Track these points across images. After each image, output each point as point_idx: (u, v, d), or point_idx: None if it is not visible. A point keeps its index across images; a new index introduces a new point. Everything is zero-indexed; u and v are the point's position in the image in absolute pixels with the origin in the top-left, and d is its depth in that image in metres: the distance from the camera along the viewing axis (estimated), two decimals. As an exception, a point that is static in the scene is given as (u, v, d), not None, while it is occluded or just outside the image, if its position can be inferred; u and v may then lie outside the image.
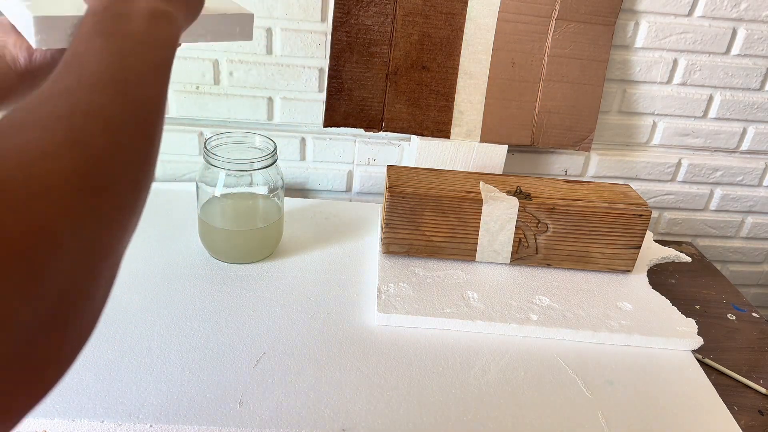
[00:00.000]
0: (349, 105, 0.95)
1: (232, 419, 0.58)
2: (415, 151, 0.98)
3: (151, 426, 0.57)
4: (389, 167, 0.86)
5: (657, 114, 1.03)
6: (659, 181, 1.10)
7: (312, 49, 0.95)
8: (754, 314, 0.87)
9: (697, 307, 0.87)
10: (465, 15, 0.91)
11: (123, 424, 0.56)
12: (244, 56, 0.95)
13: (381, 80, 0.94)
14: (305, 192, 1.07)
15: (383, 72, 0.93)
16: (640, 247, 0.83)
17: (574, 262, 0.84)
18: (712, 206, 1.13)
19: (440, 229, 0.81)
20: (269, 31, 0.94)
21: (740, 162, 1.09)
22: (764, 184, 1.11)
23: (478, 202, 0.80)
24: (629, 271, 0.85)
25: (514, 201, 0.80)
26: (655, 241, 0.98)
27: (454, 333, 0.72)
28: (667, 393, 0.67)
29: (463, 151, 0.98)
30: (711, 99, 1.03)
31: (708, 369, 0.74)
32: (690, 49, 0.98)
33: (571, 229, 0.82)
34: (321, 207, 0.98)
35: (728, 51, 0.99)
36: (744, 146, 1.08)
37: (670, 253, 0.91)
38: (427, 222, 0.81)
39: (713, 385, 0.69)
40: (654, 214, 1.13)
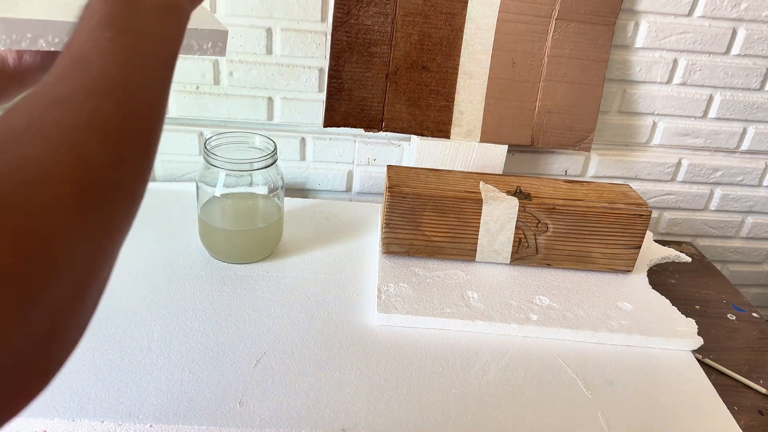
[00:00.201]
0: (349, 105, 0.95)
1: (232, 419, 0.58)
2: (415, 151, 0.98)
3: (151, 426, 0.57)
4: (389, 167, 0.86)
5: (657, 114, 1.03)
6: (659, 181, 1.10)
7: (312, 49, 0.95)
8: (754, 314, 0.87)
9: (697, 307, 0.87)
10: (465, 15, 0.91)
11: (123, 424, 0.56)
12: (244, 56, 0.95)
13: (381, 80, 0.94)
14: (305, 192, 1.07)
15: (383, 72, 0.93)
16: (640, 247, 0.83)
17: (574, 262, 0.84)
18: (712, 206, 1.13)
19: (440, 229, 0.81)
20: (269, 31, 0.94)
21: (740, 162, 1.09)
22: (764, 184, 1.11)
23: (478, 202, 0.80)
24: (629, 271, 0.85)
25: (514, 201, 0.80)
26: (655, 241, 0.98)
27: (454, 333, 0.72)
28: (667, 393, 0.67)
29: (463, 151, 0.98)
30: (711, 99, 1.03)
31: (708, 369, 0.74)
32: (690, 49, 0.98)
33: (571, 229, 0.82)
34: (321, 207, 0.98)
35: (728, 51, 0.99)
36: (744, 146, 1.08)
37: (670, 253, 0.91)
38: (427, 222, 0.81)
39: (713, 385, 0.69)
40: (654, 214, 1.13)
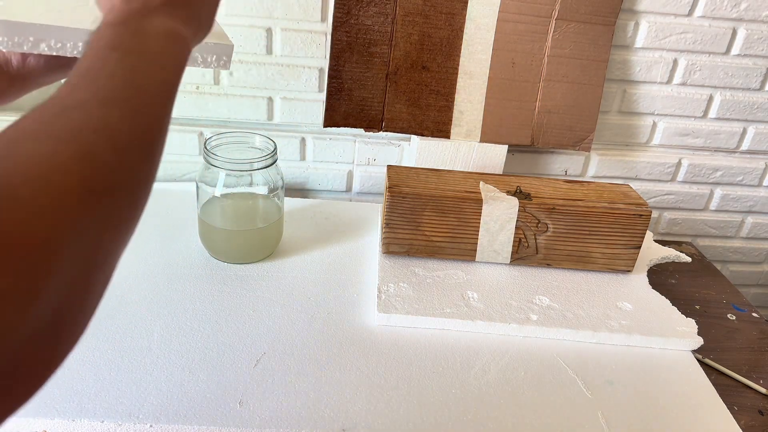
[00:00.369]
0: (349, 105, 0.95)
1: (232, 419, 0.58)
2: (415, 151, 0.98)
3: (151, 426, 0.57)
4: (389, 167, 0.86)
5: (657, 114, 1.03)
6: (659, 181, 1.10)
7: (312, 49, 0.95)
8: (754, 314, 0.87)
9: (697, 307, 0.87)
10: (465, 15, 0.91)
11: (123, 424, 0.56)
12: (244, 56, 0.95)
13: (381, 80, 0.94)
14: (305, 192, 1.07)
15: (383, 72, 0.93)
16: (640, 247, 0.83)
17: (574, 262, 0.84)
18: (712, 206, 1.13)
19: (440, 229, 0.81)
20: (269, 31, 0.94)
21: (740, 162, 1.09)
22: (764, 184, 1.11)
23: (478, 202, 0.80)
24: (629, 271, 0.85)
25: (514, 201, 0.80)
26: (655, 241, 0.98)
27: (454, 333, 0.72)
28: (667, 393, 0.67)
29: (463, 151, 0.98)
30: (711, 99, 1.03)
31: (708, 369, 0.74)
32: (690, 49, 0.98)
33: (571, 229, 0.82)
34: (321, 207, 0.98)
35: (728, 51, 0.99)
36: (744, 146, 1.08)
37: (670, 253, 0.91)
38: (427, 222, 0.81)
39: (713, 385, 0.69)
40: (654, 214, 1.13)
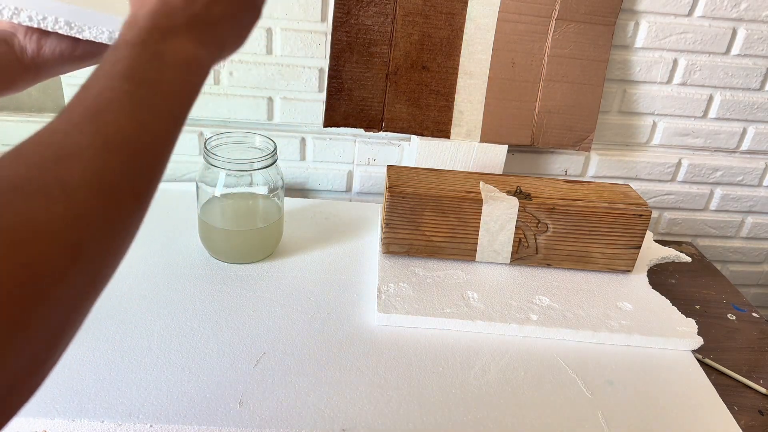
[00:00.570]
0: (349, 105, 0.95)
1: (232, 419, 0.58)
2: (415, 151, 0.98)
3: (151, 426, 0.57)
4: (389, 167, 0.86)
5: (657, 114, 1.03)
6: (659, 181, 1.10)
7: (312, 49, 0.95)
8: (754, 314, 0.87)
9: (697, 307, 0.87)
10: (465, 15, 0.91)
11: (123, 424, 0.56)
12: (244, 56, 0.95)
13: (381, 80, 0.94)
14: (305, 192, 1.07)
15: (383, 72, 0.93)
16: (640, 247, 0.83)
17: (574, 262, 0.84)
18: (712, 206, 1.13)
19: (440, 229, 0.81)
20: (269, 31, 0.94)
21: (740, 162, 1.09)
22: (764, 184, 1.11)
23: (478, 202, 0.80)
24: (629, 271, 0.85)
25: (514, 201, 0.80)
26: (655, 241, 0.98)
27: (454, 333, 0.72)
28: (667, 393, 0.67)
29: (463, 151, 0.98)
30: (711, 99, 1.03)
31: (708, 369, 0.74)
32: (690, 49, 0.98)
33: (571, 229, 0.82)
34: (321, 207, 0.98)
35: (728, 51, 0.99)
36: (744, 146, 1.08)
37: (670, 253, 0.91)
38: (427, 222, 0.81)
39: (713, 385, 0.69)
40: (654, 214, 1.13)
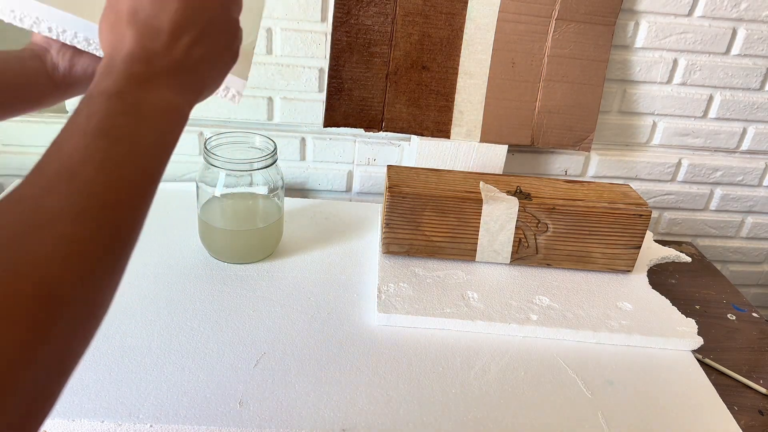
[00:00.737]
0: (349, 105, 0.95)
1: (232, 419, 0.58)
2: (415, 151, 0.98)
3: (151, 426, 0.57)
4: (389, 167, 0.86)
5: (657, 114, 1.03)
6: (659, 181, 1.10)
7: (312, 49, 0.95)
8: (754, 314, 0.87)
9: (697, 307, 0.87)
10: (465, 15, 0.91)
11: (123, 424, 0.56)
12: (244, 56, 0.95)
13: (381, 80, 0.94)
14: (305, 192, 1.07)
15: (383, 72, 0.93)
16: (640, 247, 0.83)
17: (574, 262, 0.84)
18: (712, 206, 1.13)
19: (440, 229, 0.81)
20: (269, 31, 0.94)
21: (740, 162, 1.09)
22: (764, 184, 1.11)
23: (478, 202, 0.80)
24: (629, 271, 0.85)
25: (514, 201, 0.80)
26: (655, 241, 0.98)
27: (454, 333, 0.72)
28: (667, 393, 0.67)
29: (463, 151, 0.98)
30: (711, 99, 1.03)
31: (708, 369, 0.74)
32: (690, 49, 0.98)
33: (571, 229, 0.82)
34: (321, 207, 0.98)
35: (728, 51, 0.99)
36: (744, 146, 1.08)
37: (670, 253, 0.91)
38: (427, 222, 0.81)
39: (713, 385, 0.69)
40: (654, 214, 1.13)
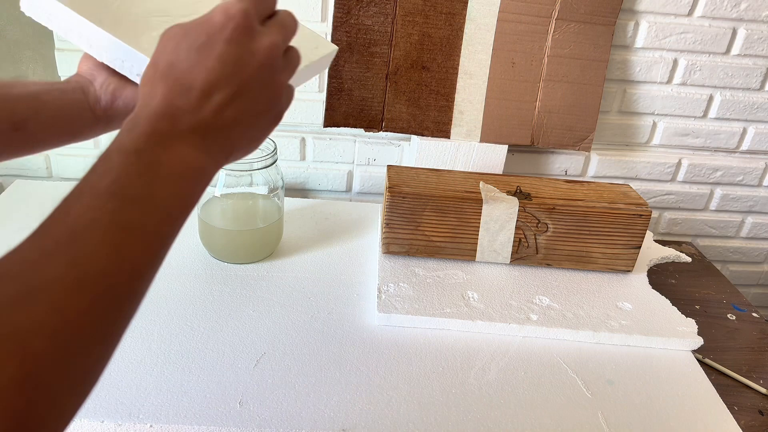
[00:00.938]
0: (349, 105, 0.95)
1: (232, 419, 0.58)
2: (415, 151, 0.98)
3: (151, 426, 0.57)
4: (389, 167, 0.86)
5: (657, 114, 1.03)
6: (659, 181, 1.10)
7: (312, 49, 0.95)
8: (754, 314, 0.87)
9: (697, 307, 0.87)
10: (465, 15, 0.91)
11: (123, 424, 0.56)
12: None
13: (381, 80, 0.94)
14: (305, 192, 1.07)
15: (383, 72, 0.93)
16: (640, 247, 0.83)
17: (574, 262, 0.84)
18: (712, 206, 1.13)
19: (440, 229, 0.81)
20: (269, 31, 0.94)
21: (740, 162, 1.09)
22: (764, 184, 1.11)
23: (478, 202, 0.80)
24: (629, 271, 0.85)
25: (514, 201, 0.80)
26: (655, 241, 0.98)
27: (454, 333, 0.72)
28: (667, 393, 0.67)
29: (463, 151, 0.98)
30: (711, 99, 1.03)
31: (708, 369, 0.74)
32: (690, 49, 0.98)
33: (571, 229, 0.82)
34: (321, 207, 0.98)
35: (728, 51, 0.99)
36: (744, 146, 1.08)
37: (670, 253, 0.91)
38: (427, 222, 0.81)
39: (713, 385, 0.69)
40: (654, 214, 1.13)
